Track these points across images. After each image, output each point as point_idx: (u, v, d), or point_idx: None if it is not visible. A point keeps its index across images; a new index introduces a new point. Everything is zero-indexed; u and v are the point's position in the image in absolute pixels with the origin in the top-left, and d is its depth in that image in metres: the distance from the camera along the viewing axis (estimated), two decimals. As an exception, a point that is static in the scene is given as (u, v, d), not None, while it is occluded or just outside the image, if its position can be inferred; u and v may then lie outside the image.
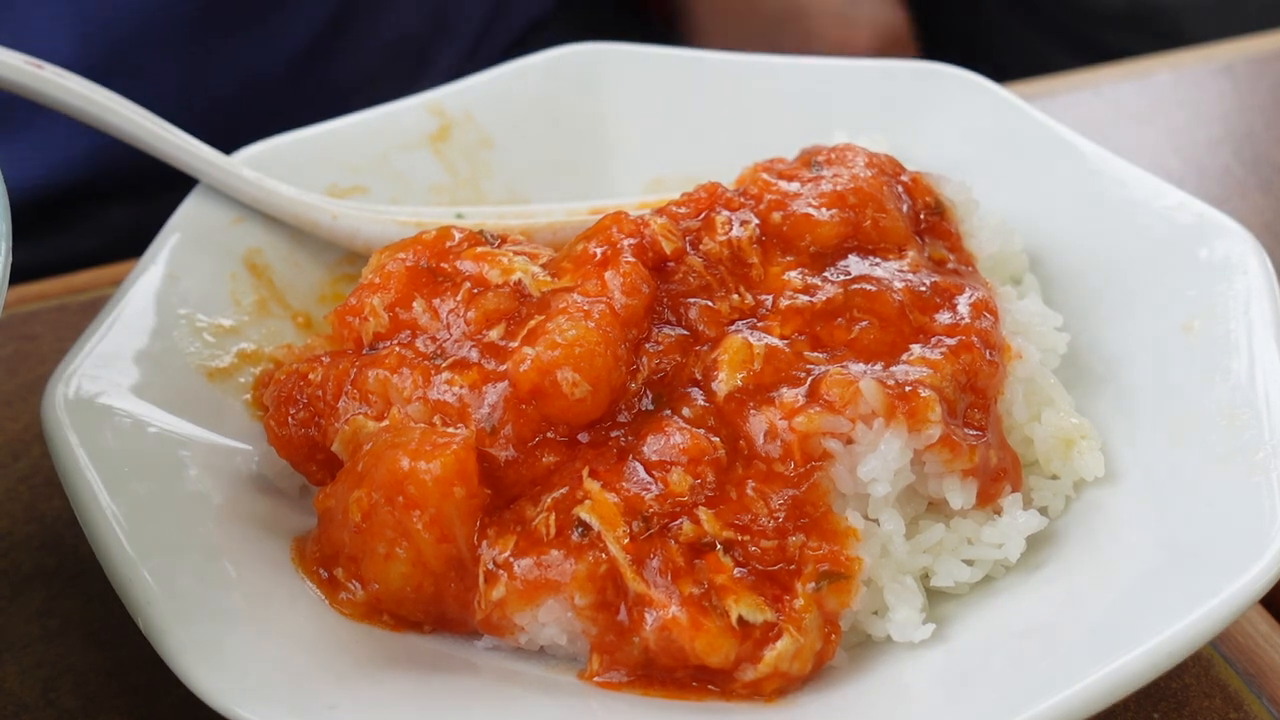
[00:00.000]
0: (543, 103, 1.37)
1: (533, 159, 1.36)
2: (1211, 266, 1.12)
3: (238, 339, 1.17)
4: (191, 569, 0.96)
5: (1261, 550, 0.92)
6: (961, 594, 1.02)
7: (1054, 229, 1.23)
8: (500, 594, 0.95)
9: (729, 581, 0.94)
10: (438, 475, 0.95)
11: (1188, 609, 0.90)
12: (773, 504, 0.96)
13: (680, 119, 1.38)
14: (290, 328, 1.20)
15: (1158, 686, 1.05)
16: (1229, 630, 1.10)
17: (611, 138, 1.37)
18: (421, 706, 0.91)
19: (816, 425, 0.98)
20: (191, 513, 1.02)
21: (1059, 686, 0.87)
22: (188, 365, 1.12)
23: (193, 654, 0.89)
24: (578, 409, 0.99)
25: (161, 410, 1.08)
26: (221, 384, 1.13)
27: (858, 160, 1.14)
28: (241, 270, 1.20)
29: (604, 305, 1.01)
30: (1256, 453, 0.99)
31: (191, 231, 1.20)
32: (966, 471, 1.01)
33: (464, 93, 1.37)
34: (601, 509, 0.95)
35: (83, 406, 1.04)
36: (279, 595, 0.98)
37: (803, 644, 0.93)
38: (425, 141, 1.34)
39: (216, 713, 0.87)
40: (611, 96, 1.38)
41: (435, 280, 1.07)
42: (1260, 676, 1.07)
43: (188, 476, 1.04)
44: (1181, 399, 1.07)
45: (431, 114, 1.35)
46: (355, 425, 1.02)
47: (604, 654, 0.95)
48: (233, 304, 1.18)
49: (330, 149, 1.30)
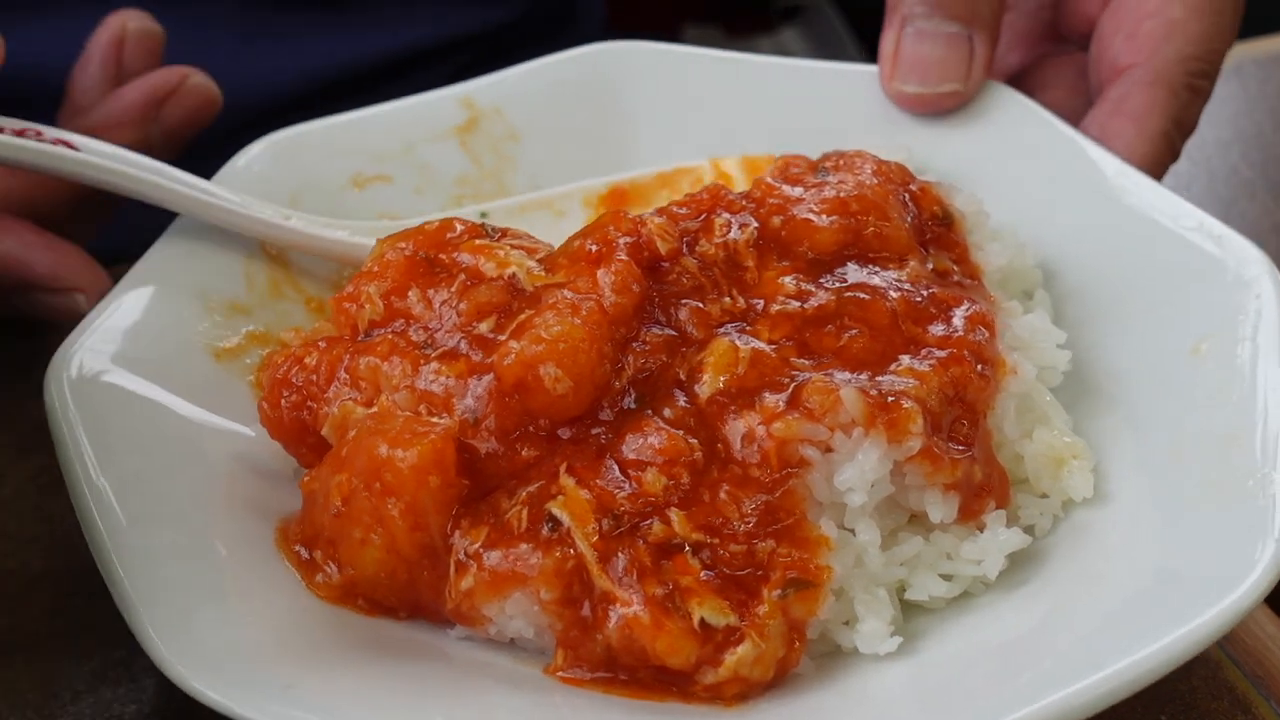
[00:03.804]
0: (571, 98, 1.38)
1: (558, 154, 1.36)
2: (1226, 290, 1.10)
3: (248, 320, 1.19)
4: (172, 544, 0.98)
5: (1239, 580, 0.90)
6: (938, 609, 1.01)
7: (1071, 245, 1.21)
8: (469, 584, 0.96)
9: (694, 584, 0.94)
10: (413, 464, 0.96)
11: (1164, 632, 0.88)
12: (745, 508, 0.96)
13: (706, 119, 1.38)
14: (302, 311, 1.22)
15: (1165, 688, 1.04)
16: (1237, 632, 1.09)
17: (637, 135, 1.38)
18: (381, 690, 0.92)
19: (794, 432, 0.97)
20: (180, 489, 1.03)
21: (1025, 702, 0.86)
22: (195, 343, 1.14)
23: (158, 626, 0.90)
24: (560, 405, 0.99)
25: (164, 387, 1.09)
26: (228, 364, 1.15)
27: (865, 167, 1.14)
28: (258, 252, 1.22)
29: (593, 303, 1.02)
30: (1248, 480, 0.97)
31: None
32: (948, 485, 1.00)
33: (495, 86, 1.38)
34: (574, 505, 0.96)
35: (85, 378, 1.06)
36: (257, 575, 1.00)
37: (764, 650, 0.93)
38: (452, 133, 1.35)
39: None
40: (639, 94, 1.38)
41: (433, 271, 1.08)
42: (1268, 679, 1.07)
43: (182, 453, 1.06)
44: (1181, 422, 1.05)
45: (462, 106, 1.36)
46: (345, 410, 1.04)
47: (569, 649, 0.96)
48: (246, 285, 1.20)
49: (357, 137, 1.32)
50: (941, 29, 1.28)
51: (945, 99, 1.30)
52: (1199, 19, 1.25)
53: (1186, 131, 1.26)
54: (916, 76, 1.30)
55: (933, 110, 1.31)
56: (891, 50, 1.31)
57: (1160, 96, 1.23)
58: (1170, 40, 1.24)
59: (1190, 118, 1.26)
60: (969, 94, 1.30)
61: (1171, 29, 1.25)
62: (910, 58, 1.30)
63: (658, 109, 1.38)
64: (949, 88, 1.30)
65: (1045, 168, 1.25)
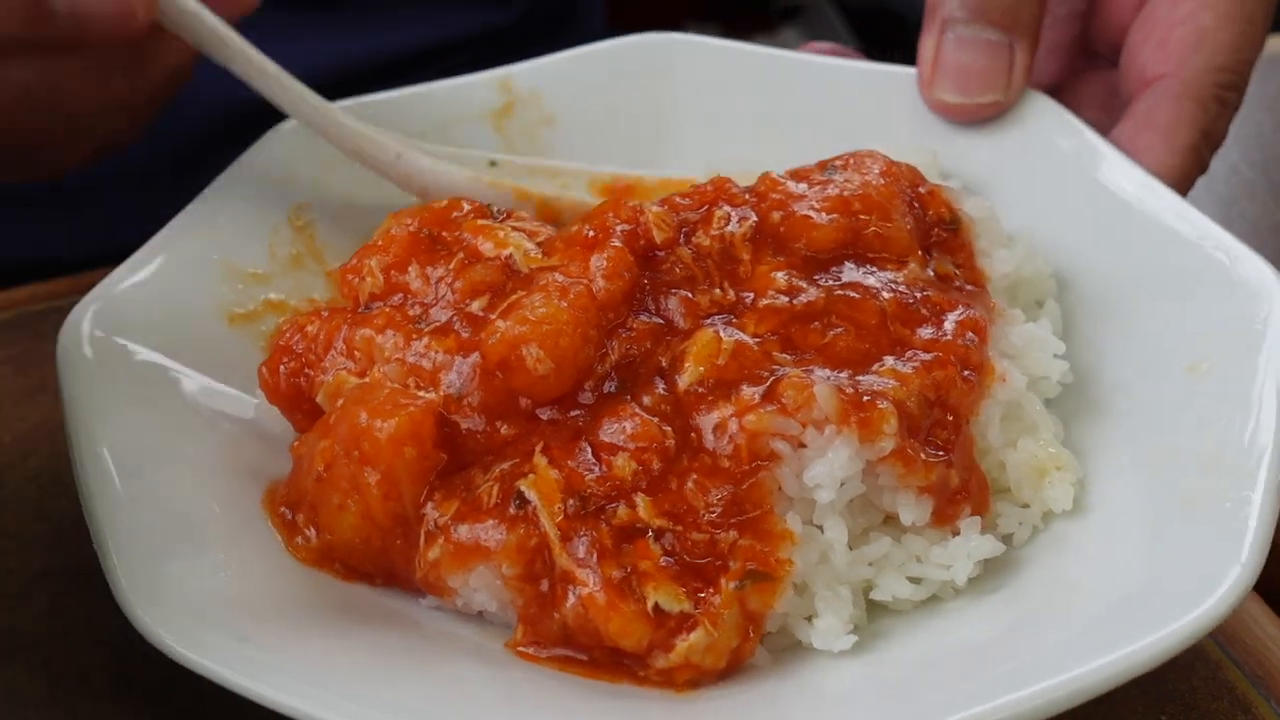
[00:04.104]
0: (608, 87, 1.39)
1: (590, 141, 1.37)
2: (1233, 310, 1.08)
3: (266, 288, 1.22)
4: (160, 498, 1.01)
5: (1198, 601, 0.89)
6: (904, 610, 1.01)
7: (1089, 257, 1.20)
8: (436, 555, 0.98)
9: (653, 569, 0.95)
10: (391, 434, 0.99)
11: (1118, 647, 0.87)
12: (711, 498, 0.97)
13: (742, 114, 1.38)
14: (321, 283, 1.25)
15: (1165, 688, 1.04)
16: (1237, 633, 1.09)
17: (671, 127, 1.38)
18: (340, 651, 0.94)
19: (766, 425, 0.98)
20: (180, 447, 1.06)
21: (977, 701, 0.86)
22: (211, 308, 1.18)
23: (130, 574, 0.93)
24: (540, 385, 1.01)
25: (175, 348, 1.12)
26: (241, 329, 1.18)
27: (874, 167, 1.14)
28: (283, 224, 1.25)
29: (582, 287, 1.03)
30: (1225, 501, 0.95)
31: (242, 182, 1.25)
32: (922, 488, 1.00)
33: (534, 71, 1.40)
34: (543, 484, 0.97)
35: (97, 333, 1.09)
36: (239, 533, 1.02)
37: (716, 639, 0.94)
38: (488, 116, 1.37)
39: (222, 711, 0.91)
40: (676, 86, 1.39)
41: (434, 248, 1.10)
42: (1268, 679, 1.06)
43: (186, 413, 1.09)
44: (1172, 439, 1.04)
45: (500, 90, 1.38)
46: (339, 379, 1.06)
47: (529, 625, 0.97)
48: (269, 255, 1.23)
49: (392, 115, 1.34)
50: (982, 36, 1.27)
51: (985, 109, 1.29)
52: (1229, 27, 1.23)
53: (1215, 144, 1.24)
54: (956, 86, 1.29)
55: (972, 120, 1.30)
56: (931, 55, 1.30)
57: (1189, 110, 1.21)
58: (1199, 50, 1.22)
59: (1219, 130, 1.24)
60: (1009, 103, 1.29)
61: (1201, 38, 1.23)
62: (950, 65, 1.29)
63: (695, 101, 1.39)
64: (989, 99, 1.29)
65: (1073, 178, 1.24)
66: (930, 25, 1.30)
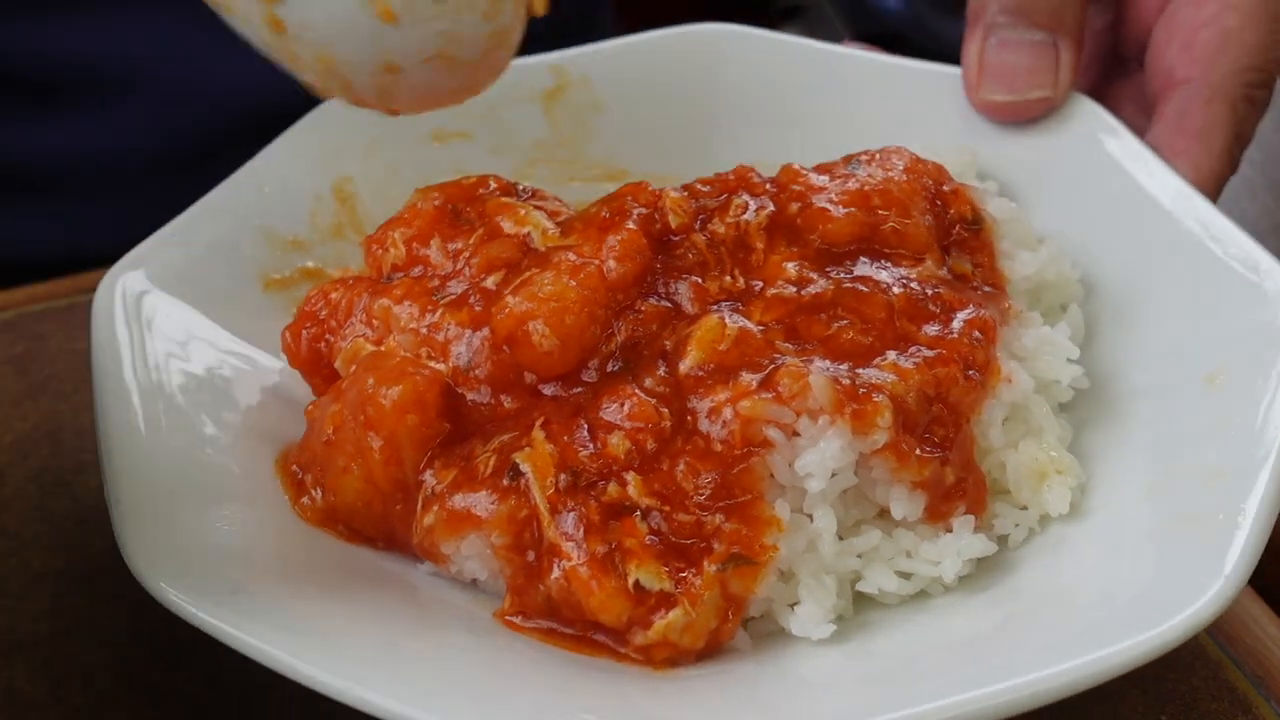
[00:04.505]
0: (658, 76, 1.40)
1: (638, 129, 1.39)
2: (1255, 324, 1.07)
3: (305, 255, 1.25)
4: (176, 452, 1.04)
5: (1175, 612, 0.88)
6: (891, 604, 1.01)
7: (1120, 262, 1.19)
8: (430, 521, 1.00)
9: (637, 546, 0.96)
10: (395, 401, 1.01)
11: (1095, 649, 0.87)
12: (701, 481, 0.98)
13: (792, 109, 1.38)
14: (358, 254, 1.27)
15: (1165, 688, 1.04)
16: (1238, 633, 1.09)
17: (719, 118, 1.39)
18: (332, 608, 0.96)
19: (759, 412, 0.98)
20: (202, 405, 1.09)
21: (954, 691, 0.86)
22: (248, 273, 1.21)
23: (134, 522, 0.96)
24: (545, 361, 1.03)
25: (208, 308, 1.16)
26: (276, 294, 1.21)
27: (897, 163, 1.14)
28: (327, 194, 1.28)
29: (594, 267, 1.05)
30: (1218, 515, 0.94)
31: (289, 153, 1.28)
32: (915, 483, 1.00)
33: (587, 56, 1.41)
34: (538, 458, 0.99)
35: (132, 290, 1.12)
36: (250, 492, 1.05)
37: (695, 619, 0.95)
38: (538, 98, 1.39)
39: (223, 711, 0.94)
40: (727, 78, 1.40)
41: (457, 223, 1.12)
42: (1268, 679, 1.06)
43: (212, 373, 1.12)
44: (1179, 450, 1.03)
45: (551, 73, 1.40)
46: (356, 347, 1.09)
47: (516, 595, 0.99)
48: (310, 224, 1.27)
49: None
50: (1026, 37, 1.27)
51: (1035, 105, 1.28)
52: (1255, 27, 1.21)
53: (1245, 144, 1.23)
54: (1004, 85, 1.28)
55: (1022, 117, 1.29)
56: (976, 60, 1.29)
57: (1221, 112, 1.20)
58: (1225, 52, 1.21)
59: (1248, 130, 1.22)
60: (1059, 100, 1.28)
61: (1226, 39, 1.21)
62: (996, 67, 1.28)
63: (743, 94, 1.40)
64: (1038, 94, 1.28)
65: (1110, 182, 1.23)
66: (973, 31, 1.29)
